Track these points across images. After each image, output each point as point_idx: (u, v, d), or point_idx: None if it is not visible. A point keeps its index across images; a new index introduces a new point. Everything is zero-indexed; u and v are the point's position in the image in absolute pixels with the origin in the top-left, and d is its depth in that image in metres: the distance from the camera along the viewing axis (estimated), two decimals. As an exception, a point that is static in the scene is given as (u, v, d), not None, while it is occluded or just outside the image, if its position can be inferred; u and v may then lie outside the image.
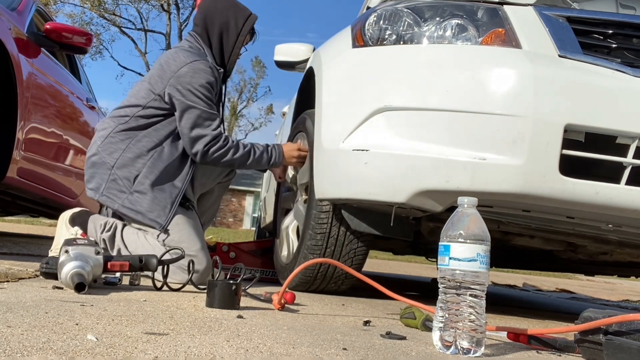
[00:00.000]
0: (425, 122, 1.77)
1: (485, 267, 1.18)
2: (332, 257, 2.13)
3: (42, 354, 0.82)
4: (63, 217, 2.23)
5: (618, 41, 1.80)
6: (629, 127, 1.64)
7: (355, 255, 2.17)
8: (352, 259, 2.17)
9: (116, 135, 2.20)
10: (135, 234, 2.16)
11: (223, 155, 2.22)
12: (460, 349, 1.15)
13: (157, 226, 2.13)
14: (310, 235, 2.14)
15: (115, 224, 2.18)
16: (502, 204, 1.78)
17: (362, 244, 2.16)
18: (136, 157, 2.16)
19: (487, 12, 1.86)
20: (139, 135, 2.20)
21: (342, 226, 2.12)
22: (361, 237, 2.15)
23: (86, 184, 2.22)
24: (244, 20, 2.39)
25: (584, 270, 3.23)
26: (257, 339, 1.11)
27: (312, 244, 2.14)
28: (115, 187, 2.15)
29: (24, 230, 6.88)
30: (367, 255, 2.23)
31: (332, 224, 2.11)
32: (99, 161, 2.18)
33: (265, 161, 2.33)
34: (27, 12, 3.23)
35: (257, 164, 2.32)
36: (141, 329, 1.10)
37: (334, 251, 2.14)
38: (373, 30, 1.99)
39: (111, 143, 2.19)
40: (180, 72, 2.20)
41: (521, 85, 1.66)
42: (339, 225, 2.12)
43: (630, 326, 1.13)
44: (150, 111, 2.22)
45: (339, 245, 2.13)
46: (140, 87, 2.27)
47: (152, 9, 33.95)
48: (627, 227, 1.85)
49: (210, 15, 2.37)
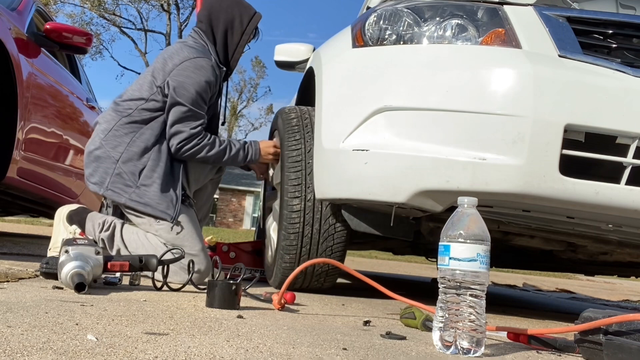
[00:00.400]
0: (426, 122, 1.77)
1: (485, 267, 1.18)
2: (308, 256, 2.12)
3: (42, 354, 0.82)
4: (60, 213, 2.22)
5: (618, 41, 1.80)
6: (629, 127, 1.64)
7: (333, 253, 2.14)
8: (329, 256, 2.13)
9: (120, 129, 2.20)
10: (136, 233, 2.16)
11: (197, 152, 2.23)
12: (460, 349, 1.15)
13: (169, 218, 2.13)
14: (284, 236, 2.12)
15: (114, 223, 2.17)
16: (502, 204, 1.78)
17: (338, 241, 2.13)
18: (141, 151, 2.18)
19: (487, 12, 1.86)
20: (142, 128, 2.21)
21: (315, 225, 2.10)
22: (336, 234, 2.12)
23: (89, 178, 2.21)
24: (249, 18, 2.40)
25: (584, 270, 3.23)
26: (257, 339, 1.11)
27: (287, 244, 2.12)
28: (121, 182, 2.15)
29: (24, 230, 6.88)
30: (345, 251, 2.19)
31: (304, 224, 2.10)
32: (103, 155, 2.18)
33: (241, 158, 2.34)
34: (27, 12, 3.23)
35: (234, 160, 2.33)
36: (141, 329, 1.10)
37: (309, 250, 2.12)
38: (373, 30, 1.99)
39: (115, 137, 2.19)
40: (181, 66, 2.22)
41: (521, 85, 1.66)
42: (312, 224, 2.10)
43: (630, 326, 1.13)
44: (153, 104, 2.23)
45: (314, 244, 2.11)
46: (144, 81, 2.28)
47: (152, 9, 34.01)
48: (627, 227, 1.85)
49: (215, 13, 2.38)
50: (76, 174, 3.93)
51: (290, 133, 2.23)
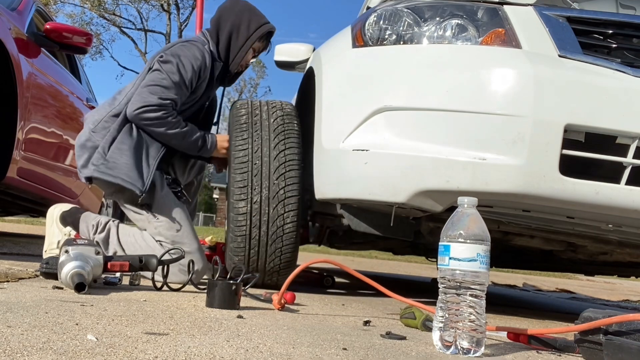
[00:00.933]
0: (425, 122, 1.77)
1: (485, 267, 1.18)
2: (257, 259, 2.09)
3: (42, 354, 0.82)
4: (52, 214, 2.19)
5: (618, 41, 1.80)
6: (629, 127, 1.64)
7: (283, 254, 2.10)
8: (280, 257, 2.11)
9: (109, 120, 2.21)
10: (132, 235, 2.15)
11: (157, 125, 2.18)
12: (460, 349, 1.15)
13: (137, 190, 2.09)
14: (232, 238, 2.08)
15: (109, 224, 2.16)
16: (502, 204, 1.78)
17: (287, 242, 2.09)
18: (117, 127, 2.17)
19: (487, 12, 1.86)
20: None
21: (262, 227, 2.06)
22: (284, 236, 2.08)
23: (80, 169, 2.21)
24: (257, 25, 2.40)
25: (584, 270, 3.23)
26: (257, 339, 1.11)
27: (235, 247, 2.08)
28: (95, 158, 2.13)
29: (24, 230, 6.87)
30: (296, 250, 2.14)
31: (251, 226, 2.06)
32: (91, 145, 2.18)
33: (198, 147, 2.29)
34: (27, 12, 3.23)
35: (189, 147, 2.28)
36: (141, 329, 1.10)
37: (258, 252, 2.08)
38: (373, 30, 1.99)
39: (104, 128, 2.20)
40: (171, 49, 2.29)
41: (521, 85, 1.66)
42: (259, 226, 2.06)
43: (630, 326, 1.13)
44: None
45: (262, 245, 2.07)
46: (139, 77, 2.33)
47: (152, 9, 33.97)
48: (627, 227, 1.85)
49: (225, 15, 2.42)
50: (76, 174, 3.92)
51: (237, 132, 2.17)
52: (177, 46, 2.31)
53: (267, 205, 2.06)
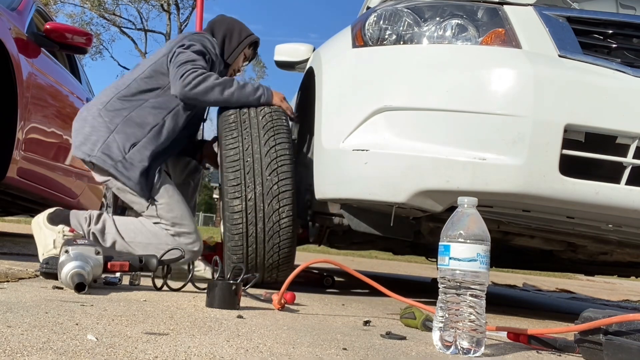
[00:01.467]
0: (425, 122, 1.77)
1: (485, 267, 1.18)
2: (255, 256, 2.09)
3: (42, 354, 0.82)
4: (37, 221, 2.16)
5: (618, 41, 1.80)
6: (629, 127, 1.64)
7: (281, 249, 2.10)
8: (278, 252, 2.10)
9: (117, 102, 2.25)
10: (131, 223, 2.18)
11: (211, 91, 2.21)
12: (460, 349, 1.15)
13: (145, 198, 2.17)
14: (229, 237, 2.08)
15: (104, 216, 2.18)
16: (502, 204, 1.78)
17: (284, 238, 2.09)
18: (137, 125, 2.21)
19: (487, 12, 1.86)
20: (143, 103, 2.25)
21: (259, 224, 2.05)
22: (281, 231, 2.07)
23: (79, 146, 2.21)
24: (247, 34, 2.58)
25: (584, 270, 3.23)
26: (257, 339, 1.11)
27: (232, 245, 2.08)
28: (110, 151, 2.17)
29: (24, 230, 6.87)
30: (294, 247, 2.14)
31: (247, 223, 2.05)
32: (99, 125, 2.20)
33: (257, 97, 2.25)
34: (27, 12, 3.23)
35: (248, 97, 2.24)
36: (141, 329, 1.10)
37: (256, 249, 2.08)
38: (373, 30, 1.99)
39: (115, 109, 2.23)
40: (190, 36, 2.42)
41: (521, 85, 1.66)
42: (255, 223, 2.05)
43: (630, 326, 1.13)
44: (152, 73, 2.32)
45: (260, 242, 2.07)
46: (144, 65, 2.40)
47: (152, 9, 33.94)
48: (627, 227, 1.85)
49: (217, 24, 2.58)
50: (76, 174, 3.93)
51: (227, 131, 2.17)
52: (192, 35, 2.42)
53: (262, 201, 2.06)
